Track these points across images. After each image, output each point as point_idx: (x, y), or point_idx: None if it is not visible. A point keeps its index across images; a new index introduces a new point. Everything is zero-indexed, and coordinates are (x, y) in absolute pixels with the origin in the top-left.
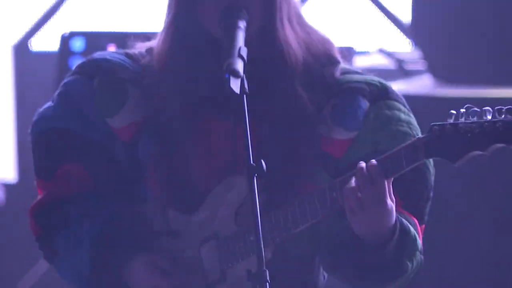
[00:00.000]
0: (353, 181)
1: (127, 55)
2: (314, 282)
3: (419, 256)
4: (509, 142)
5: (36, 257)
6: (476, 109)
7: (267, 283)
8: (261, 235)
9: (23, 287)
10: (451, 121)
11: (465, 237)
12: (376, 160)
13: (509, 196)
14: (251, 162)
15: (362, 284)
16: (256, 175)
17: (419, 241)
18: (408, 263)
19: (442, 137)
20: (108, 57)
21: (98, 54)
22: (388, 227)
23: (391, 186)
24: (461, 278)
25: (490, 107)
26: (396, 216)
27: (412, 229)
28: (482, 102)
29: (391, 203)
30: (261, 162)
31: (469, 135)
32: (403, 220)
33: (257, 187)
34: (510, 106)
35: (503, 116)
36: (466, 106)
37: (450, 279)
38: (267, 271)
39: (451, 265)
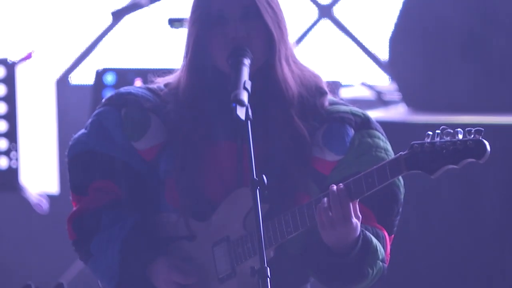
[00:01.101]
0: (325, 201)
1: (148, 89)
2: (307, 276)
3: (380, 264)
4: (478, 157)
5: (75, 257)
6: (449, 130)
7: (268, 278)
8: (263, 238)
9: (65, 280)
10: (429, 140)
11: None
12: (343, 184)
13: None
14: (255, 177)
15: (330, 284)
16: (258, 187)
17: (382, 252)
18: (369, 269)
19: (420, 153)
20: (132, 90)
21: (124, 89)
22: (352, 239)
23: (356, 206)
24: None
25: (461, 129)
26: (360, 230)
27: (374, 240)
28: (450, 126)
29: (356, 221)
30: (263, 177)
31: (444, 151)
32: (367, 233)
33: (260, 198)
34: (478, 128)
35: (472, 136)
36: (441, 127)
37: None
38: (268, 268)
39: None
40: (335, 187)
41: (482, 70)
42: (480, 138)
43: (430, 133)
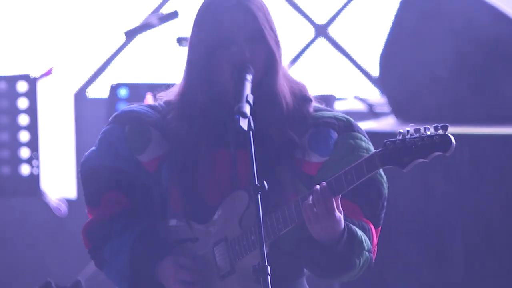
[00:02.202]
0: (310, 199)
1: (149, 106)
2: (302, 270)
3: (366, 255)
4: (444, 150)
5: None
6: (418, 127)
7: (268, 276)
8: (263, 237)
9: (82, 278)
10: (400, 137)
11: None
12: (325, 182)
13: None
14: (256, 183)
15: (322, 276)
16: (260, 192)
17: (368, 243)
18: (356, 260)
19: (393, 150)
20: (135, 108)
21: (127, 107)
22: (337, 232)
23: (339, 201)
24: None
25: (428, 126)
26: (344, 223)
27: (360, 233)
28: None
29: (339, 214)
30: (264, 183)
31: (413, 147)
32: (352, 226)
33: (260, 201)
34: (444, 124)
35: (439, 131)
36: (410, 125)
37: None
38: (268, 266)
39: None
40: (318, 186)
41: (465, 85)
42: (446, 133)
43: (402, 131)
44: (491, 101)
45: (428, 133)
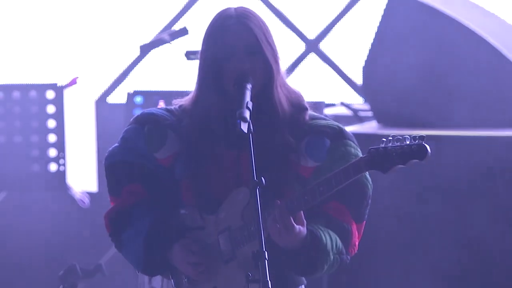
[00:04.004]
0: (275, 215)
1: (167, 109)
2: None
3: (335, 257)
4: (420, 158)
5: (111, 243)
6: (399, 137)
7: (266, 260)
8: (262, 227)
9: (104, 262)
10: (383, 145)
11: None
12: (280, 201)
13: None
14: (255, 179)
15: (294, 272)
16: (258, 187)
17: (340, 245)
18: (319, 263)
19: (376, 156)
20: (154, 111)
21: (147, 110)
22: (298, 241)
23: (301, 215)
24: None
25: (408, 135)
26: (308, 231)
27: (327, 238)
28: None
29: (298, 227)
30: (262, 179)
31: (394, 154)
32: (318, 232)
33: (258, 195)
34: (421, 135)
35: (416, 141)
36: (392, 135)
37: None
38: (266, 252)
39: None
40: (279, 202)
41: (440, 92)
42: (423, 143)
43: (384, 139)
44: (461, 105)
45: (407, 142)
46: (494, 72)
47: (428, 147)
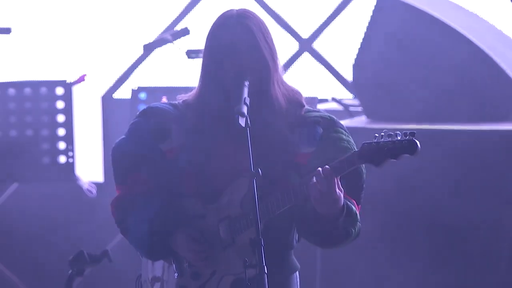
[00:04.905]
0: (314, 179)
1: (170, 104)
2: (290, 243)
3: (358, 225)
4: (411, 153)
5: (117, 230)
6: (390, 132)
7: (262, 247)
8: (258, 215)
9: (110, 247)
10: (375, 140)
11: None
12: (328, 165)
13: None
14: (252, 170)
15: (322, 244)
16: (255, 178)
17: (358, 216)
18: (352, 229)
19: (369, 150)
20: (159, 105)
21: (153, 104)
22: (338, 207)
23: (338, 181)
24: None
25: (399, 131)
26: (344, 200)
27: (354, 208)
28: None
29: (339, 192)
30: (259, 170)
31: (385, 149)
32: (348, 202)
33: (255, 185)
34: (411, 131)
35: (407, 137)
36: (384, 130)
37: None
38: (262, 239)
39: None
40: (320, 169)
41: (424, 88)
42: (413, 138)
43: (377, 135)
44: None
45: (399, 138)
46: (476, 68)
47: (418, 142)
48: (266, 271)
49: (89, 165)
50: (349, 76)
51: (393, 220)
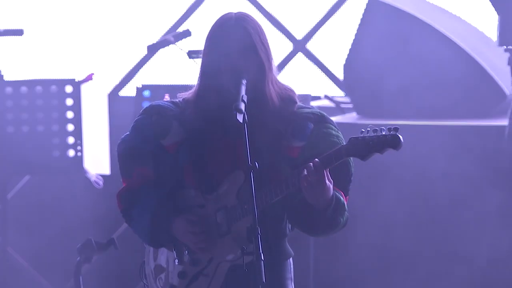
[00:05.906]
0: (305, 172)
1: (171, 102)
2: (283, 231)
3: (346, 215)
4: (394, 147)
5: (122, 220)
6: (376, 128)
7: (259, 235)
8: (255, 205)
9: (116, 236)
10: (361, 135)
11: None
12: (318, 159)
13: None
14: (249, 163)
15: (312, 232)
16: (252, 171)
17: (346, 206)
18: (340, 218)
19: (356, 144)
20: (160, 103)
21: (155, 102)
22: (328, 198)
23: (328, 173)
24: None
25: (384, 127)
26: (332, 191)
27: (342, 199)
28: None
29: (328, 183)
30: (255, 163)
31: (371, 143)
32: (337, 193)
33: (252, 177)
34: (395, 126)
35: (391, 132)
36: (369, 126)
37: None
38: (259, 228)
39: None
40: (311, 163)
41: (411, 86)
42: (396, 133)
43: (363, 130)
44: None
45: (383, 133)
46: (459, 68)
47: (401, 137)
48: (262, 258)
49: (96, 159)
50: (340, 75)
51: (386, 208)
